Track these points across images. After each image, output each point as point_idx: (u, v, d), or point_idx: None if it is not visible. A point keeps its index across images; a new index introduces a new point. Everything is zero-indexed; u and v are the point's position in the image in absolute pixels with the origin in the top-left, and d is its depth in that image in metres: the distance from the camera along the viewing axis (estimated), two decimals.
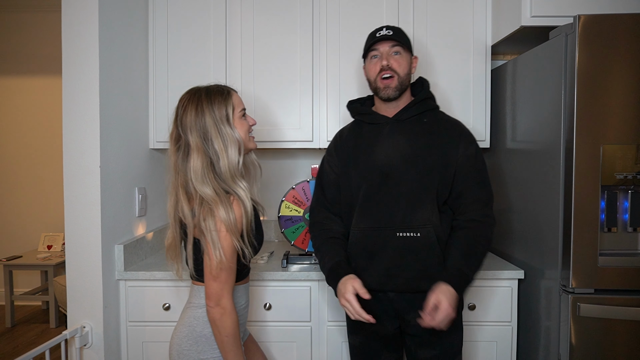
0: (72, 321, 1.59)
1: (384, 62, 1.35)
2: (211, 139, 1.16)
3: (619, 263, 1.37)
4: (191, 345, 1.20)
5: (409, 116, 1.38)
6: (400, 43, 1.36)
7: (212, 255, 1.13)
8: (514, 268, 1.68)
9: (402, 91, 1.37)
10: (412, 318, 1.34)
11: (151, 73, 1.94)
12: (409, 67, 1.39)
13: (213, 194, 1.14)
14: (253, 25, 1.92)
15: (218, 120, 1.18)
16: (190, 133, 1.17)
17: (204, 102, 1.18)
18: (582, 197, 1.37)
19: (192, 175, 1.15)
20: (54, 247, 3.67)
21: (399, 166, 1.33)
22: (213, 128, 1.17)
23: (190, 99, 1.20)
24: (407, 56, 1.38)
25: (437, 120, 1.39)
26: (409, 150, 1.34)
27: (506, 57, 2.16)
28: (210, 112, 1.18)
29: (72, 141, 1.56)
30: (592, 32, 1.35)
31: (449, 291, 1.22)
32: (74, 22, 1.55)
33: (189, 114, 1.18)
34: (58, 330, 3.26)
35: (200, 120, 1.17)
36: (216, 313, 1.15)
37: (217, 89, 1.23)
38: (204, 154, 1.16)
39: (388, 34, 1.35)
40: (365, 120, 1.43)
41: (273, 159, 2.28)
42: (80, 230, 1.57)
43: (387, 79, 1.35)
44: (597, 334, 1.39)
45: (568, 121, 1.40)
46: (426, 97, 1.40)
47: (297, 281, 1.67)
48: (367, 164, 1.37)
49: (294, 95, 1.93)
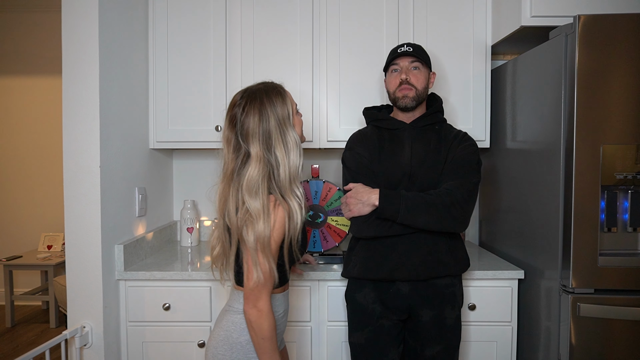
0: (72, 321, 1.59)
1: (402, 76, 1.46)
2: (274, 147, 1.15)
3: (619, 263, 1.37)
4: (226, 350, 1.19)
5: (424, 124, 1.49)
6: (419, 59, 1.47)
7: (251, 270, 1.12)
8: (514, 268, 1.68)
9: (419, 102, 1.48)
10: (425, 314, 1.40)
11: (151, 73, 1.94)
12: (427, 82, 1.49)
13: (260, 207, 1.12)
14: (253, 24, 1.92)
15: (281, 123, 1.16)
16: (252, 142, 1.14)
17: (267, 104, 1.16)
18: (582, 197, 1.37)
19: (245, 184, 1.13)
20: (54, 247, 3.67)
21: (415, 166, 1.43)
22: (276, 132, 1.15)
23: (251, 101, 1.17)
24: (425, 72, 1.49)
25: (446, 129, 1.51)
26: (423, 153, 1.44)
27: (506, 57, 2.16)
28: (274, 114, 1.16)
29: (72, 141, 1.56)
30: (592, 32, 1.35)
31: (369, 189, 1.37)
32: (74, 22, 1.55)
33: (251, 118, 1.15)
34: (58, 330, 3.26)
35: (265, 124, 1.14)
36: (253, 315, 1.13)
37: (273, 87, 1.21)
38: (264, 164, 1.14)
39: (408, 50, 1.46)
40: (382, 125, 1.52)
41: None
42: (80, 230, 1.57)
43: (408, 90, 1.46)
44: (597, 334, 1.39)
45: (568, 121, 1.40)
46: (438, 110, 1.52)
47: (297, 281, 1.67)
48: (390, 163, 1.45)
49: (293, 95, 1.91)
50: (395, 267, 1.39)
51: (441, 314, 1.41)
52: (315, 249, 1.75)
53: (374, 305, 1.43)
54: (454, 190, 1.34)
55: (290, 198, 1.16)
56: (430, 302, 1.40)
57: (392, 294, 1.42)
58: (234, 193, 1.16)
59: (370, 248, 1.43)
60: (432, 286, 1.41)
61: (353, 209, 1.38)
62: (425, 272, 1.38)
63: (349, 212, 1.40)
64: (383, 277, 1.40)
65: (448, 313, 1.41)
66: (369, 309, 1.44)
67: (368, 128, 1.56)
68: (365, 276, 1.43)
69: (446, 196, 1.32)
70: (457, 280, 1.46)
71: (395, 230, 1.37)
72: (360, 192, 1.38)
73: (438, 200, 1.32)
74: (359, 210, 1.37)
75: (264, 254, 1.12)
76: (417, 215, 1.32)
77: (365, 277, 1.44)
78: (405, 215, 1.32)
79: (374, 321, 1.43)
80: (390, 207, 1.33)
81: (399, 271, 1.39)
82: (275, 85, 1.23)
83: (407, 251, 1.38)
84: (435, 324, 1.40)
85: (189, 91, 1.92)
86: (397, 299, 1.42)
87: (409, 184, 1.42)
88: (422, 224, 1.33)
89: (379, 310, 1.43)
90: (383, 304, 1.43)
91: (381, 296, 1.43)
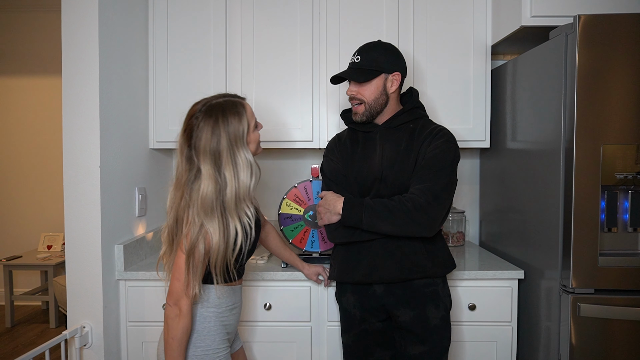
0: (72, 321, 1.59)
1: (348, 93, 1.45)
2: (223, 167, 1.17)
3: (619, 263, 1.37)
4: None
5: (397, 124, 1.44)
6: (364, 79, 1.39)
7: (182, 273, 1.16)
8: (514, 268, 1.68)
9: (373, 113, 1.43)
10: (402, 314, 1.39)
11: (151, 73, 1.94)
12: (381, 89, 1.41)
13: (217, 226, 1.15)
14: (253, 24, 1.92)
15: (233, 143, 1.18)
16: (204, 160, 1.17)
17: (221, 123, 1.18)
18: (582, 197, 1.37)
19: (200, 202, 1.15)
20: (53, 247, 3.67)
21: (386, 169, 1.40)
22: (227, 152, 1.17)
23: (206, 118, 1.19)
24: (377, 80, 1.40)
25: (422, 126, 1.43)
26: (393, 154, 1.40)
27: (506, 57, 2.16)
28: (227, 133, 1.18)
29: (72, 141, 1.56)
30: (592, 32, 1.35)
31: (337, 197, 1.37)
32: (74, 22, 1.55)
33: (204, 134, 1.17)
34: (58, 330, 3.26)
35: (215, 143, 1.17)
36: (171, 312, 1.17)
37: (232, 104, 1.22)
38: (215, 182, 1.16)
39: (355, 60, 1.43)
40: (358, 128, 1.49)
41: (272, 159, 2.28)
42: (80, 230, 1.57)
43: (356, 106, 1.45)
44: (597, 334, 1.39)
45: (568, 121, 1.39)
46: (414, 106, 1.46)
47: (297, 281, 1.67)
48: (362, 168, 1.44)
49: (293, 95, 1.93)
50: (370, 271, 1.38)
51: (423, 313, 1.38)
52: (313, 249, 1.75)
53: (354, 310, 1.45)
54: (418, 194, 1.30)
55: (233, 218, 1.18)
56: (408, 302, 1.38)
57: (369, 295, 1.42)
58: (184, 205, 1.19)
59: (347, 252, 1.44)
60: (408, 287, 1.39)
61: (323, 217, 1.40)
62: (399, 275, 1.37)
63: (320, 220, 1.43)
64: (358, 280, 1.41)
65: (431, 312, 1.38)
66: (351, 314, 1.45)
67: (345, 132, 1.57)
68: (343, 279, 1.45)
69: (408, 202, 1.30)
70: (440, 281, 1.42)
71: (363, 236, 1.37)
72: (329, 200, 1.39)
73: (399, 206, 1.30)
74: (328, 219, 1.39)
75: (193, 268, 1.15)
76: (379, 222, 1.31)
77: (343, 281, 1.46)
78: (368, 223, 1.32)
79: (357, 325, 1.45)
80: (353, 216, 1.33)
81: (373, 274, 1.38)
82: (235, 101, 1.23)
83: (382, 254, 1.38)
84: (417, 323, 1.37)
85: (189, 91, 1.92)
86: (373, 300, 1.42)
87: (382, 188, 1.40)
88: (385, 230, 1.32)
89: (359, 315, 1.44)
90: (362, 308, 1.43)
91: (360, 299, 1.43)
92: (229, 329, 1.30)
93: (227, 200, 1.18)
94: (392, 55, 1.43)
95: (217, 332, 1.25)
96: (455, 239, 2.10)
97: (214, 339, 1.24)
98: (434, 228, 1.33)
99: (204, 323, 1.24)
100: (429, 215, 1.30)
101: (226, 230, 1.17)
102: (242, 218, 1.20)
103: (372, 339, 1.45)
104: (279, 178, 2.28)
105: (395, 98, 1.46)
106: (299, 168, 2.28)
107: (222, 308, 1.27)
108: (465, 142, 1.92)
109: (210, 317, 1.24)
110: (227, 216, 1.18)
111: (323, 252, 1.75)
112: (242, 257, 1.24)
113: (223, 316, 1.27)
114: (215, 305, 1.25)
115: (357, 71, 1.41)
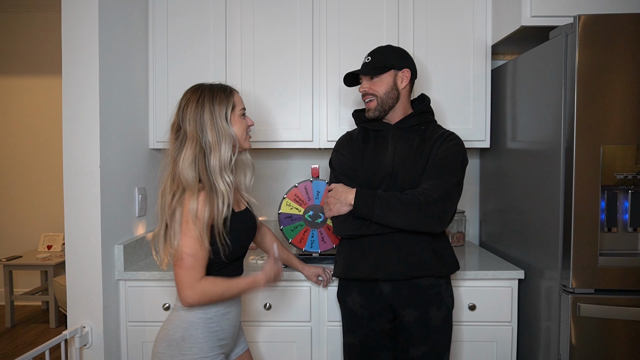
0: (72, 321, 1.59)
1: (360, 89, 1.50)
2: (206, 131, 1.21)
3: (619, 263, 1.37)
4: (164, 348, 1.20)
5: (409, 125, 1.48)
6: (372, 72, 1.45)
7: (173, 243, 1.15)
8: (514, 268, 1.68)
9: (384, 109, 1.47)
10: (407, 314, 1.40)
11: (151, 73, 1.94)
12: (391, 84, 1.46)
13: (194, 180, 1.17)
14: (253, 24, 1.92)
15: (217, 117, 1.22)
16: (189, 123, 1.22)
17: (206, 98, 1.24)
18: (582, 197, 1.37)
19: (182, 162, 1.18)
20: (54, 247, 3.67)
21: (397, 166, 1.43)
22: (210, 122, 1.21)
23: (194, 94, 1.25)
24: (387, 76, 1.46)
25: (433, 129, 1.49)
26: (405, 153, 1.44)
27: (506, 57, 2.16)
28: (210, 108, 1.22)
29: (72, 141, 1.56)
30: (592, 32, 1.35)
31: (348, 189, 1.39)
32: (74, 22, 1.55)
33: (189, 107, 1.23)
34: (58, 330, 3.26)
35: (200, 113, 1.22)
36: (193, 296, 1.15)
37: (221, 87, 1.28)
38: (198, 144, 1.20)
39: (366, 61, 1.48)
40: (369, 127, 1.52)
41: (273, 159, 2.28)
42: (80, 230, 1.57)
43: (369, 102, 1.48)
44: (597, 334, 1.39)
45: (568, 121, 1.40)
46: (425, 110, 1.51)
47: (297, 281, 1.67)
48: (372, 163, 1.46)
49: (293, 96, 1.93)
50: (375, 267, 1.39)
51: (426, 314, 1.39)
52: (313, 249, 1.74)
53: (362, 310, 1.44)
54: (431, 189, 1.33)
55: (219, 181, 1.20)
56: (413, 303, 1.39)
57: (376, 294, 1.42)
58: (170, 179, 1.21)
59: (352, 247, 1.45)
60: (414, 286, 1.40)
61: (332, 208, 1.40)
62: (405, 271, 1.38)
63: (329, 211, 1.43)
64: (364, 276, 1.41)
65: (434, 314, 1.39)
66: (358, 314, 1.45)
67: (356, 130, 1.59)
68: (348, 276, 1.46)
69: (421, 195, 1.32)
70: (444, 281, 1.43)
71: (372, 230, 1.37)
72: (339, 191, 1.40)
73: (412, 199, 1.32)
74: (337, 210, 1.39)
75: (191, 224, 1.15)
76: (392, 214, 1.32)
77: (348, 277, 1.46)
78: (380, 215, 1.33)
79: (364, 325, 1.44)
80: (365, 207, 1.34)
81: (378, 270, 1.39)
82: (226, 86, 1.29)
83: (388, 250, 1.39)
84: (419, 324, 1.39)
85: None
86: (380, 299, 1.42)
87: (391, 184, 1.42)
88: (397, 223, 1.33)
89: (367, 315, 1.44)
90: (370, 307, 1.43)
91: (367, 299, 1.43)
92: (222, 335, 1.24)
93: (212, 166, 1.20)
94: (402, 54, 1.50)
95: (206, 340, 1.20)
96: (455, 239, 2.10)
97: (201, 347, 1.19)
98: (444, 223, 1.36)
99: (190, 330, 1.19)
100: (440, 209, 1.32)
101: (214, 187, 1.19)
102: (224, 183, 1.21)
103: (378, 340, 1.44)
104: (279, 178, 2.28)
105: (406, 96, 1.50)
106: (299, 168, 2.28)
107: (210, 314, 1.22)
108: (465, 142, 1.89)
109: (197, 324, 1.20)
110: (213, 178, 1.20)
111: (323, 252, 1.75)
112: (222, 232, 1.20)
113: (212, 322, 1.22)
114: (202, 309, 1.21)
115: (369, 67, 1.47)
